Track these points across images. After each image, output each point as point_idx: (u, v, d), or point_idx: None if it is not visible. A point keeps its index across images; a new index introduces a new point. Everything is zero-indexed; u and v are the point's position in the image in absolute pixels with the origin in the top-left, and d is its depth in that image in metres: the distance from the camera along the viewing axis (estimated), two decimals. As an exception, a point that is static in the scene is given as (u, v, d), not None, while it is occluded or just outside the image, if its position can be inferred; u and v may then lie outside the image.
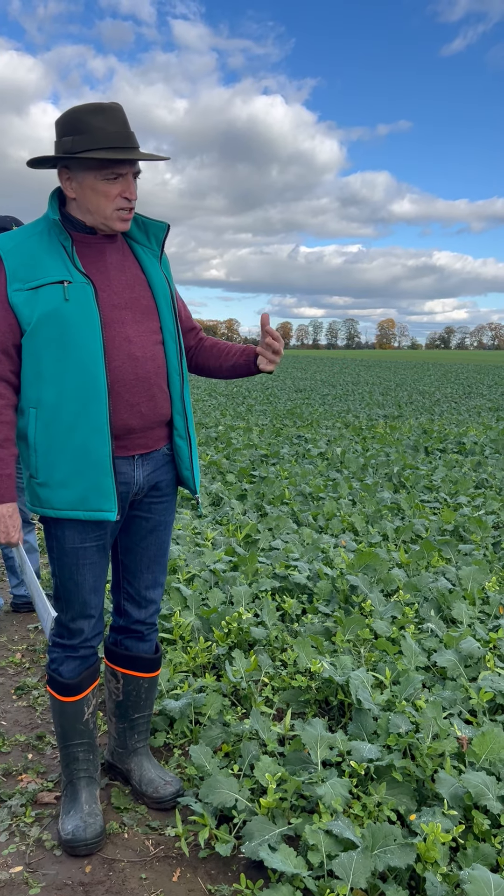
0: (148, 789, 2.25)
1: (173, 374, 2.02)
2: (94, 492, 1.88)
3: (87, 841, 2.03)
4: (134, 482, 2.00)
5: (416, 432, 11.29)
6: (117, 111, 1.83)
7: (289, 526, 5.17)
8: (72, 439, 1.84)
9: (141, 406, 1.93)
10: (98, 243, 1.93)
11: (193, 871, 2.01)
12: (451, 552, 4.61)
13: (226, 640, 3.12)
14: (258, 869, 1.99)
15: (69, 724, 2.09)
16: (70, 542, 1.96)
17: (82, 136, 1.79)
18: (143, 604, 2.20)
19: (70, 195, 1.87)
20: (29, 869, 2.00)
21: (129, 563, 2.16)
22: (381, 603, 3.61)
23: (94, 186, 1.83)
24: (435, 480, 7.04)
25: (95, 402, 1.83)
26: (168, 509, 2.16)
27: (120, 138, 1.81)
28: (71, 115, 1.82)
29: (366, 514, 5.56)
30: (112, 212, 1.87)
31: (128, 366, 1.89)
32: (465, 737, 2.30)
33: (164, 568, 2.23)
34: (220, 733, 2.47)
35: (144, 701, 2.30)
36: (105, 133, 1.79)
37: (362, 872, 1.76)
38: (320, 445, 9.42)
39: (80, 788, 2.12)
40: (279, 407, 15.84)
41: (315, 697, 2.77)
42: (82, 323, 1.81)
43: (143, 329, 1.94)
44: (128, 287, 1.94)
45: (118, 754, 2.35)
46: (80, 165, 1.82)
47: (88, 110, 1.81)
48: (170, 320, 2.01)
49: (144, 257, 2.01)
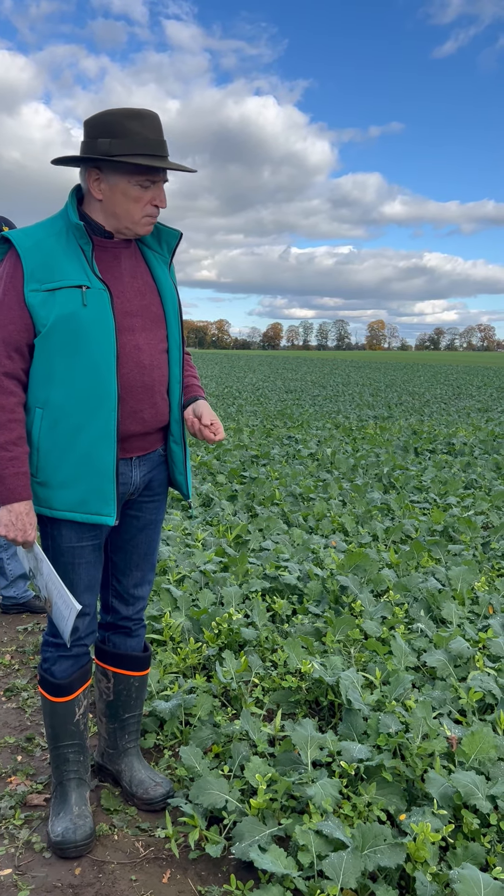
0: (138, 790, 2.25)
1: (174, 383, 2.03)
2: (95, 495, 1.89)
3: (77, 843, 2.02)
4: (131, 483, 2.02)
5: (406, 433, 11.33)
6: (155, 118, 1.84)
7: (279, 526, 5.17)
8: (77, 442, 1.85)
9: (144, 413, 1.95)
10: (114, 248, 1.93)
11: (184, 872, 2.01)
12: (440, 552, 4.63)
13: (216, 641, 3.12)
14: (248, 870, 1.99)
15: (60, 724, 2.09)
16: (67, 542, 1.96)
17: (120, 140, 1.79)
18: (131, 601, 2.22)
19: (97, 196, 1.86)
20: (18, 871, 1.99)
21: (118, 560, 2.17)
22: (371, 603, 3.62)
23: (127, 191, 1.84)
24: (424, 481, 7.06)
25: (104, 407, 1.84)
26: (159, 508, 2.17)
27: (157, 146, 1.82)
28: (107, 117, 1.81)
29: (356, 515, 5.57)
30: (141, 217, 1.88)
31: (136, 373, 1.91)
32: (455, 736, 2.31)
33: (153, 566, 2.24)
34: (210, 734, 2.47)
35: (135, 700, 2.30)
36: (144, 139, 1.80)
37: (352, 872, 1.76)
38: (311, 446, 9.43)
39: (70, 790, 2.11)
40: (269, 408, 15.84)
41: (305, 698, 2.77)
42: (98, 329, 1.82)
43: (152, 337, 1.96)
44: (139, 294, 1.95)
45: (108, 755, 2.34)
46: (115, 169, 1.82)
47: (127, 115, 1.80)
48: (176, 329, 2.02)
49: (155, 263, 2.03)
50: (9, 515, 1.86)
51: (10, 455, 1.83)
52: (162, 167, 1.82)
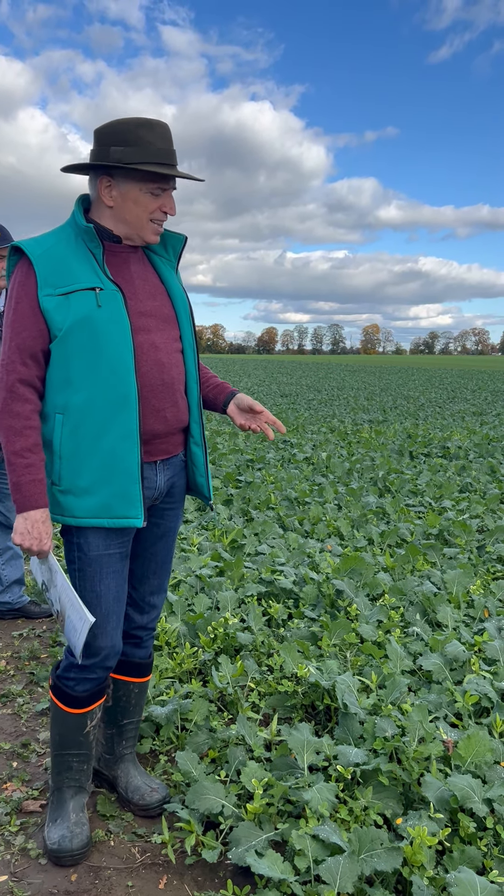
0: (134, 796, 2.24)
1: (192, 383, 2.05)
2: (120, 499, 1.87)
3: (74, 851, 2.01)
4: (156, 487, 2.01)
5: (401, 437, 11.35)
6: (165, 128, 1.88)
7: (275, 531, 5.17)
8: (100, 445, 1.84)
9: (166, 411, 1.96)
10: (123, 252, 1.95)
11: (180, 877, 2.00)
12: (436, 556, 4.63)
13: (212, 646, 3.11)
14: (245, 875, 1.98)
15: (69, 734, 2.06)
16: (94, 550, 1.92)
17: (133, 149, 1.82)
18: (146, 609, 2.21)
19: (108, 203, 1.89)
20: (14, 878, 1.98)
21: (135, 568, 2.14)
22: (366, 607, 3.62)
23: (138, 198, 1.87)
24: (420, 485, 7.07)
25: (126, 407, 1.84)
26: (177, 516, 2.18)
27: (168, 155, 1.86)
28: (119, 126, 1.85)
29: (351, 519, 5.58)
30: (149, 223, 1.92)
31: (155, 371, 1.91)
32: (451, 740, 2.31)
33: (168, 574, 2.24)
34: (206, 739, 2.47)
35: (134, 707, 2.29)
36: (155, 148, 1.84)
37: (349, 877, 1.76)
38: (306, 450, 9.44)
39: (67, 797, 2.10)
40: (265, 412, 15.85)
41: (301, 702, 2.77)
42: (114, 329, 1.83)
43: (167, 337, 1.97)
44: (150, 296, 1.97)
45: (105, 760, 2.34)
46: (127, 176, 1.85)
47: (138, 124, 1.84)
48: (188, 330, 2.04)
49: (163, 267, 2.05)
50: (25, 524, 1.84)
51: (27, 462, 1.83)
52: (172, 175, 1.86)
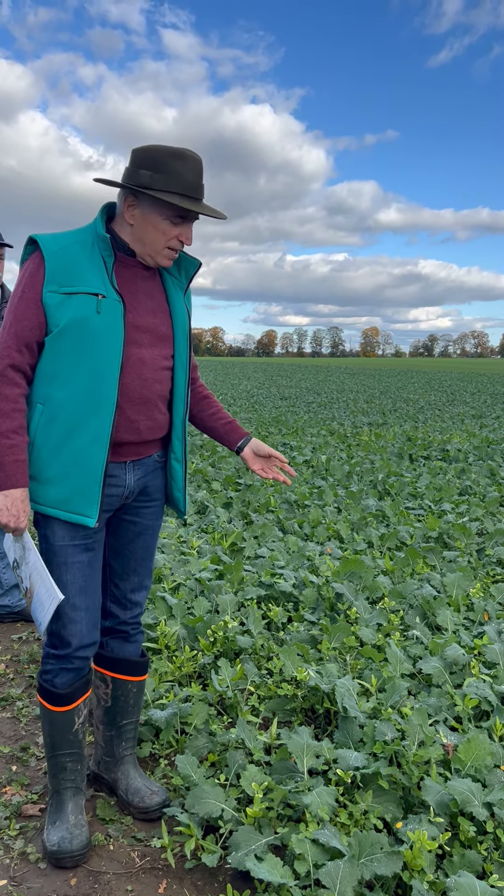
0: (134, 799, 2.24)
1: (179, 401, 2.11)
2: (80, 495, 1.94)
3: (74, 853, 2.02)
4: (126, 486, 2.07)
5: (401, 440, 11.35)
6: (198, 162, 1.93)
7: (274, 534, 5.17)
8: (70, 442, 1.91)
9: (140, 423, 2.02)
10: (135, 266, 2.01)
11: (180, 882, 2.00)
12: (435, 559, 4.63)
13: (211, 649, 3.11)
14: (245, 879, 1.98)
15: (59, 733, 2.09)
16: (59, 541, 2.00)
17: (161, 176, 1.87)
18: (129, 605, 2.26)
19: (129, 221, 1.95)
20: (13, 882, 1.98)
21: (116, 566, 2.21)
22: (366, 610, 3.62)
23: (157, 224, 1.92)
24: (419, 487, 7.08)
25: (102, 412, 1.91)
26: (156, 514, 2.23)
27: (195, 188, 1.91)
28: (153, 152, 1.90)
29: (351, 522, 5.58)
30: (164, 249, 1.97)
31: (137, 385, 1.97)
32: (451, 744, 2.31)
33: (150, 571, 2.29)
34: (206, 743, 2.47)
35: (132, 707, 2.30)
36: (183, 179, 1.88)
37: (349, 881, 1.76)
38: (305, 453, 9.44)
39: (66, 799, 2.11)
40: (264, 415, 15.86)
41: (301, 706, 2.77)
42: (107, 337, 1.89)
43: (157, 353, 2.03)
44: (151, 312, 2.02)
45: (104, 763, 2.34)
46: (151, 202, 1.90)
47: (172, 153, 1.89)
48: (184, 351, 2.10)
49: (172, 288, 2.10)
50: (5, 500, 1.90)
51: (11, 443, 1.90)
52: (192, 210, 1.89)
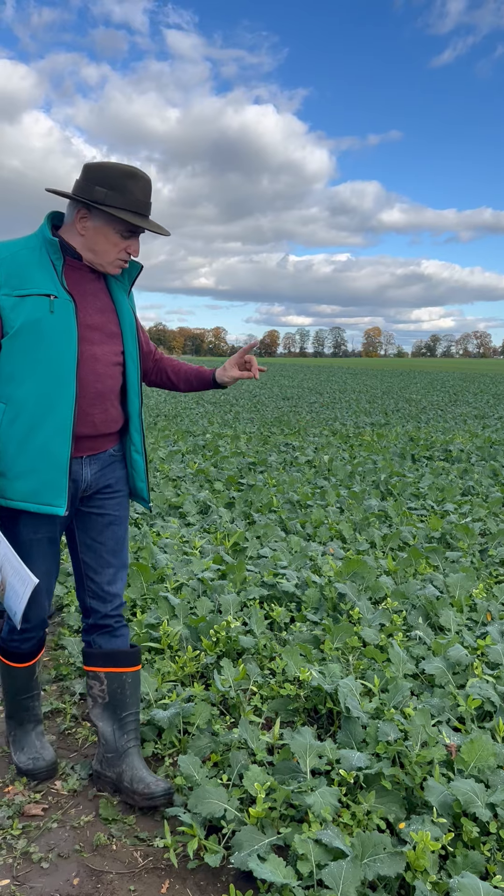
0: (139, 786, 2.25)
1: (133, 394, 2.24)
2: (48, 487, 2.05)
3: (46, 769, 2.38)
4: (82, 479, 2.18)
5: (403, 440, 11.34)
6: (148, 182, 2.09)
7: (277, 534, 5.17)
8: (34, 437, 2.02)
9: (94, 417, 2.14)
10: (82, 268, 2.13)
11: (182, 882, 2.00)
12: (438, 559, 4.63)
13: (214, 649, 3.11)
14: (247, 879, 1.98)
15: (23, 683, 2.38)
16: (24, 535, 2.12)
17: (116, 194, 2.01)
18: (108, 598, 2.33)
19: (81, 232, 2.07)
20: (16, 882, 1.98)
21: (89, 560, 2.31)
22: (369, 611, 3.62)
23: (108, 236, 2.06)
24: (422, 488, 7.07)
25: (62, 407, 2.02)
26: (121, 505, 2.33)
27: (144, 206, 2.07)
28: (108, 170, 2.03)
29: (353, 522, 5.57)
30: (114, 259, 2.11)
31: (91, 380, 2.10)
32: (454, 744, 2.30)
33: (125, 563, 2.37)
34: (208, 743, 2.46)
35: (130, 698, 2.35)
36: (135, 198, 2.04)
37: (352, 882, 1.75)
38: (308, 453, 9.43)
39: (29, 729, 2.44)
40: (266, 415, 15.86)
41: (304, 706, 2.76)
42: (62, 335, 2.01)
43: (108, 350, 2.15)
44: (99, 311, 2.15)
45: (107, 760, 2.35)
46: (103, 216, 2.04)
47: (125, 173, 2.03)
48: (133, 347, 2.23)
49: (116, 288, 2.22)
50: None
51: None
52: (142, 226, 2.06)
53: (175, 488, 6.92)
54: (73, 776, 2.42)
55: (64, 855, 2.09)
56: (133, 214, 2.03)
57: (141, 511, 5.80)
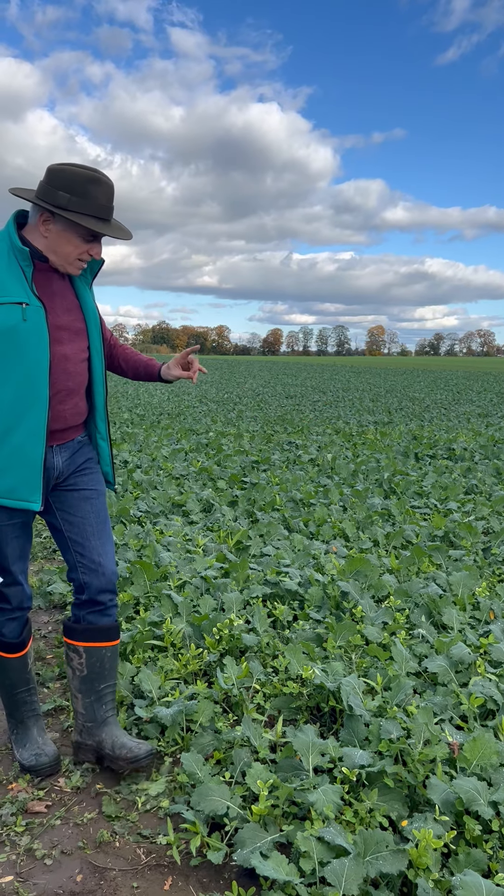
0: (122, 752, 2.38)
1: (98, 387, 2.34)
2: (23, 484, 2.14)
3: (49, 765, 2.40)
4: (55, 468, 2.29)
5: (407, 438, 11.34)
6: (110, 187, 2.13)
7: (280, 532, 5.17)
8: (9, 439, 2.10)
9: (66, 412, 2.25)
10: (48, 270, 2.20)
11: (185, 879, 2.00)
12: (441, 558, 4.63)
13: (217, 647, 3.12)
14: (250, 877, 1.98)
15: (17, 676, 2.42)
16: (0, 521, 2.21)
17: (79, 199, 2.06)
18: (99, 570, 2.39)
19: (44, 234, 2.13)
20: (20, 878, 1.98)
21: (75, 536, 2.38)
22: (371, 609, 3.62)
23: (70, 239, 2.13)
24: (425, 486, 7.06)
25: (36, 409, 2.11)
26: (96, 480, 2.43)
27: (106, 211, 2.13)
28: (72, 175, 2.07)
29: (356, 520, 5.57)
30: (75, 260, 2.18)
31: (63, 379, 2.19)
32: (457, 742, 2.31)
33: (110, 537, 2.45)
34: (211, 740, 2.47)
35: (108, 671, 2.46)
36: (97, 203, 2.09)
37: (354, 879, 1.76)
38: (311, 451, 9.43)
39: (30, 725, 2.48)
40: (270, 413, 15.86)
41: (306, 704, 2.77)
42: (35, 341, 2.09)
43: (76, 348, 2.24)
44: (67, 311, 2.23)
45: (87, 729, 2.47)
46: (66, 221, 2.09)
47: (88, 178, 2.07)
48: (97, 341, 2.32)
49: (79, 285, 2.31)
50: None
51: None
52: (104, 233, 2.11)
53: (178, 486, 6.93)
54: (77, 773, 2.43)
55: (67, 852, 2.10)
56: (96, 220, 2.09)
57: (144, 510, 5.80)
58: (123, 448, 9.38)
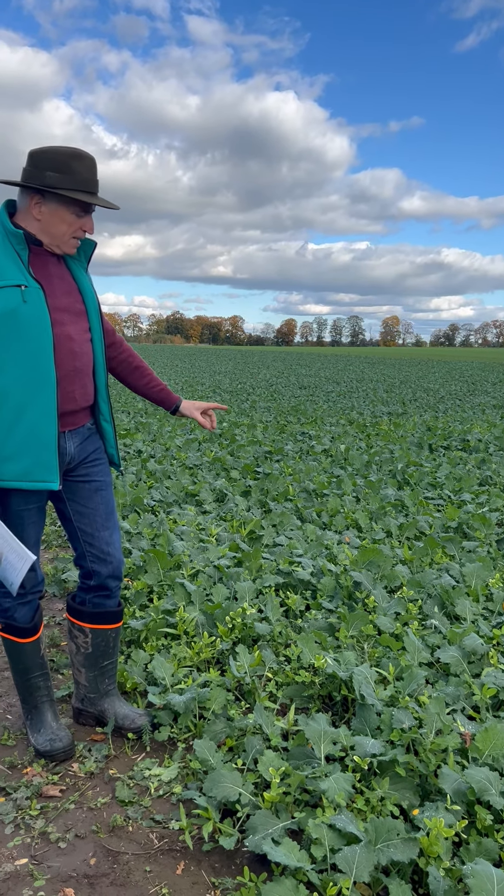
0: (125, 722, 2.59)
1: (100, 367, 2.38)
2: (39, 465, 2.17)
3: (63, 750, 2.45)
4: (67, 453, 2.32)
5: (421, 429, 11.29)
6: (93, 161, 2.18)
7: (293, 522, 5.18)
8: (21, 421, 2.12)
9: (75, 393, 2.27)
10: (43, 254, 2.23)
11: (197, 864, 2.02)
12: (454, 549, 4.61)
13: (230, 636, 3.13)
14: (262, 862, 2.00)
15: (31, 660, 2.45)
16: (15, 507, 2.25)
17: (65, 176, 2.11)
18: (108, 559, 2.49)
19: (36, 217, 2.16)
20: (34, 861, 2.01)
21: (84, 526, 2.45)
22: (384, 599, 3.61)
23: (63, 217, 2.16)
24: (439, 477, 7.04)
25: (46, 390, 2.14)
26: (104, 472, 2.49)
27: (93, 184, 2.17)
28: (54, 155, 2.12)
29: (369, 511, 5.56)
30: (69, 238, 2.21)
31: (69, 359, 2.22)
32: (469, 733, 2.31)
33: (117, 527, 2.53)
34: (223, 728, 2.48)
35: (112, 649, 2.60)
36: (83, 177, 2.14)
37: (365, 866, 1.77)
38: (324, 442, 9.42)
39: (44, 710, 2.51)
40: (283, 404, 15.83)
41: (318, 693, 2.78)
42: (37, 322, 2.11)
43: (79, 329, 2.27)
44: (66, 293, 2.26)
45: (89, 699, 2.65)
46: (56, 199, 2.13)
47: (71, 155, 2.12)
48: (97, 323, 2.36)
49: (75, 267, 2.33)
50: None
51: None
52: (94, 203, 2.16)
53: (192, 476, 6.94)
54: (90, 759, 2.46)
55: (81, 835, 2.12)
56: (85, 194, 2.13)
57: (158, 499, 5.82)
58: (137, 438, 9.41)
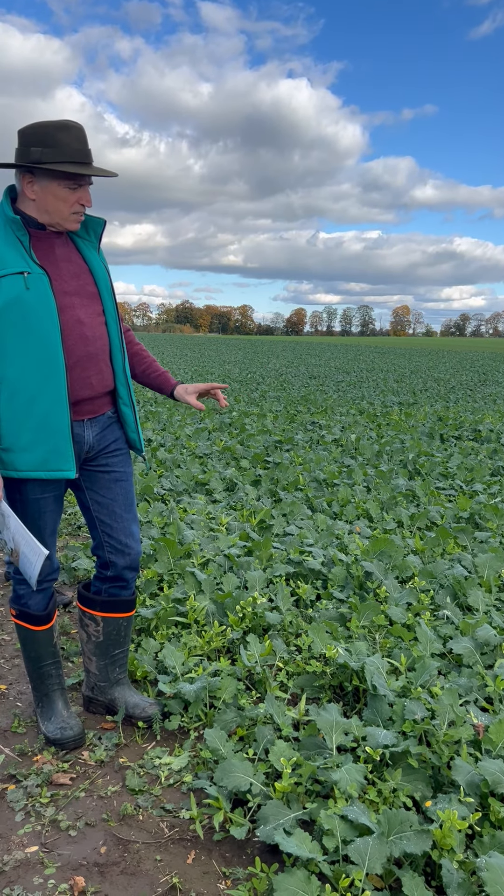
0: (135, 711, 2.58)
1: (116, 351, 2.30)
2: (55, 454, 2.14)
3: (74, 738, 2.44)
4: (85, 442, 2.28)
5: (432, 419, 11.22)
6: (81, 130, 2.09)
7: (303, 512, 5.15)
8: (34, 410, 2.09)
9: (91, 378, 2.22)
10: (47, 237, 2.17)
11: (208, 853, 2.01)
12: (466, 539, 4.58)
13: (240, 625, 3.12)
14: (273, 853, 1.99)
15: (43, 648, 2.44)
16: (32, 495, 2.23)
17: (51, 149, 2.03)
18: (126, 551, 2.47)
19: (31, 197, 2.10)
20: (44, 849, 2.01)
21: (104, 517, 2.43)
22: (396, 589, 3.59)
23: (57, 193, 2.08)
24: (450, 468, 6.99)
25: (55, 377, 2.09)
26: (125, 462, 2.45)
27: (83, 154, 2.08)
28: (39, 129, 2.04)
29: (380, 501, 5.53)
30: (69, 214, 2.13)
31: (80, 345, 2.16)
32: (482, 724, 2.28)
33: (136, 518, 2.50)
34: (234, 717, 2.47)
35: (124, 638, 2.59)
36: (71, 149, 2.05)
37: (378, 858, 1.75)
38: (334, 432, 9.38)
39: (55, 699, 2.50)
40: (293, 393, 15.78)
41: (330, 683, 2.76)
42: (41, 308, 2.06)
43: (90, 312, 2.21)
44: (74, 276, 2.19)
45: (99, 688, 2.63)
46: (46, 174, 2.06)
47: (56, 126, 2.04)
48: (111, 304, 2.28)
49: (85, 249, 2.26)
50: None
51: None
52: (86, 173, 2.06)
53: (202, 465, 6.92)
54: (101, 747, 2.45)
55: (91, 823, 2.12)
56: (74, 164, 2.04)
57: (168, 488, 5.81)
58: (147, 427, 9.40)
